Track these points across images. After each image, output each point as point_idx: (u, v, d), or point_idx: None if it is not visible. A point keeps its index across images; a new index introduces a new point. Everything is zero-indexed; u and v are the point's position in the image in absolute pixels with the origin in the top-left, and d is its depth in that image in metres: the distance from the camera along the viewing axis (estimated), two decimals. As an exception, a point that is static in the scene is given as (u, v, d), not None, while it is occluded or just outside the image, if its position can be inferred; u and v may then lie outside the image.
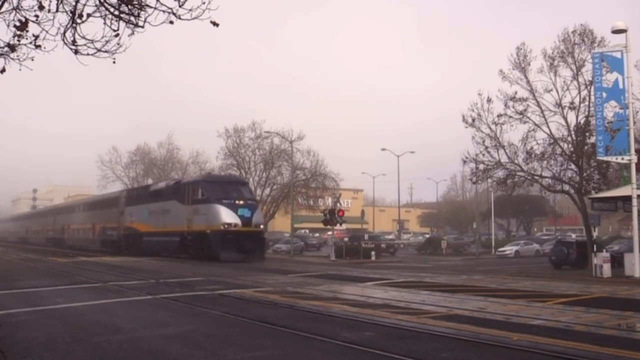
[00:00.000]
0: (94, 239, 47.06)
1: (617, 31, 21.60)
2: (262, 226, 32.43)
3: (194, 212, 31.48)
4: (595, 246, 23.23)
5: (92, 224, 47.69)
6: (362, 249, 36.26)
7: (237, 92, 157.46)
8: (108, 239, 43.65)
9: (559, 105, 26.46)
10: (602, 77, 21.75)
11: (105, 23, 6.90)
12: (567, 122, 26.51)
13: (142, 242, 37.28)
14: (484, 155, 28.00)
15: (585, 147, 26.07)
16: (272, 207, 46.49)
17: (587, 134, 25.96)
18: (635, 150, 22.01)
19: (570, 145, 26.64)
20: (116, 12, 6.91)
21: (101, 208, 46.70)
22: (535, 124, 27.06)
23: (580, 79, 25.78)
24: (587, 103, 25.73)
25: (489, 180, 31.86)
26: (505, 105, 27.28)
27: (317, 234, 61.15)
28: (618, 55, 21.53)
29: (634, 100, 23.43)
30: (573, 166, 26.90)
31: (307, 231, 65.86)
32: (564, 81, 26.24)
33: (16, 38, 6.95)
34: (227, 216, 29.89)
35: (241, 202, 31.11)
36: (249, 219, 30.64)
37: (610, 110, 22.14)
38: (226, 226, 29.65)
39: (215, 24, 6.87)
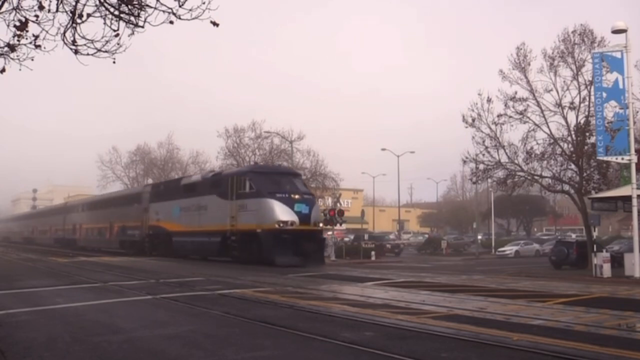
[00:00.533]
0: (111, 239, 42.85)
1: (617, 31, 21.61)
2: (321, 224, 28.33)
3: (239, 208, 27.12)
4: (595, 246, 23.23)
5: (109, 222, 43.21)
6: (362, 249, 36.28)
7: (237, 92, 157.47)
8: (128, 239, 39.61)
9: (559, 105, 26.47)
10: (602, 77, 21.75)
11: (105, 23, 6.91)
12: (567, 122, 26.54)
13: (171, 243, 33.23)
14: (484, 155, 28.03)
15: (585, 147, 26.08)
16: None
17: (587, 134, 25.97)
18: (635, 150, 22.02)
19: (570, 145, 26.65)
20: (116, 12, 6.91)
21: (120, 205, 42.52)
22: (535, 124, 27.09)
23: (580, 79, 25.81)
24: (587, 103, 25.74)
25: (489, 180, 31.89)
26: (505, 105, 27.31)
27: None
28: (618, 55, 21.53)
29: (634, 100, 23.45)
30: (573, 166, 26.91)
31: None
32: (564, 81, 26.27)
33: (16, 38, 6.96)
34: (282, 213, 25.61)
35: (297, 197, 26.74)
36: (307, 215, 26.35)
37: (610, 110, 22.16)
38: (281, 224, 25.43)
39: (215, 24, 6.88)
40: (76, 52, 7.04)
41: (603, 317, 10.34)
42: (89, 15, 6.85)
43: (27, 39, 6.98)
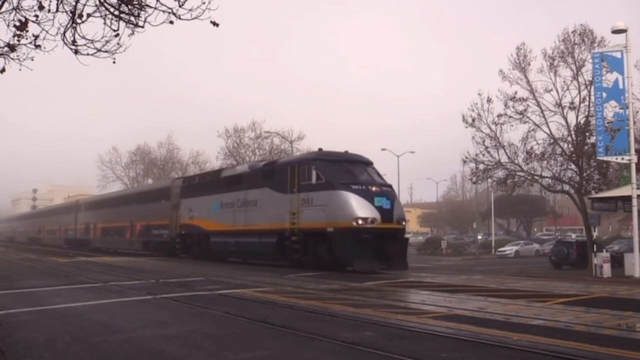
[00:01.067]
0: (133, 239, 39.01)
1: (617, 31, 21.63)
2: (404, 222, 23.59)
3: (302, 203, 22.79)
4: (595, 246, 23.23)
5: (130, 221, 39.16)
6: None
7: (237, 92, 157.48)
8: (154, 239, 35.83)
9: (559, 105, 26.50)
10: (602, 77, 21.77)
11: (105, 23, 6.92)
12: (567, 122, 26.57)
13: (209, 244, 29.35)
14: (484, 155, 28.05)
15: (585, 147, 26.10)
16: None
17: (587, 134, 26.00)
18: (635, 150, 22.04)
19: (570, 145, 26.67)
20: (116, 12, 6.92)
21: (144, 202, 38.37)
22: (535, 124, 27.11)
23: (580, 79, 25.84)
24: (587, 103, 25.76)
25: (489, 180, 31.91)
26: (505, 105, 27.34)
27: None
28: (618, 55, 21.55)
29: (634, 100, 23.49)
30: (573, 166, 26.93)
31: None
32: (564, 81, 26.31)
33: (16, 38, 6.97)
34: (361, 208, 21.11)
35: (376, 189, 22.23)
36: (389, 211, 21.82)
37: (610, 110, 22.19)
38: (360, 222, 20.88)
39: (215, 24, 6.89)
40: (76, 52, 7.05)
41: (603, 317, 10.34)
42: (89, 15, 6.86)
43: (27, 39, 7.00)
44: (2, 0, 6.82)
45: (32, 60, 7.28)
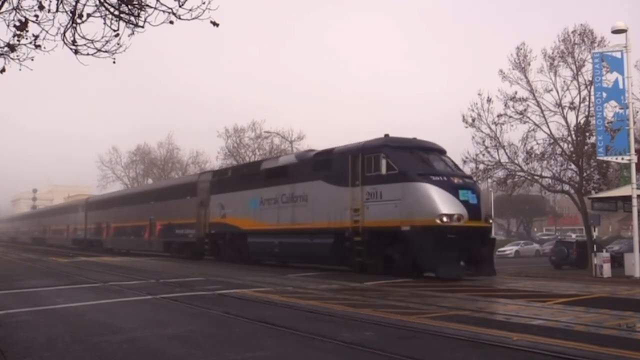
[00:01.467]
0: (152, 240, 35.96)
1: (617, 31, 21.65)
2: (491, 221, 20.71)
3: (368, 197, 19.46)
4: (595, 246, 23.24)
5: (149, 220, 36.25)
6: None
7: (237, 92, 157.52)
8: (178, 240, 32.84)
9: (559, 105, 26.55)
10: (602, 77, 21.79)
11: (105, 23, 6.93)
12: (567, 122, 26.63)
13: (246, 245, 26.02)
14: (484, 155, 28.09)
15: (585, 147, 26.13)
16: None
17: (587, 134, 26.04)
18: (635, 150, 22.06)
19: (570, 145, 26.69)
20: (116, 12, 6.93)
21: (165, 199, 35.16)
22: (535, 124, 27.16)
23: (580, 79, 25.90)
24: (587, 103, 25.81)
25: (489, 180, 31.90)
26: (505, 105, 27.41)
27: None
28: (618, 55, 21.56)
29: (634, 100, 23.53)
30: (573, 166, 26.97)
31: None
32: (564, 81, 26.37)
33: (16, 38, 6.98)
34: (444, 202, 17.96)
35: (458, 180, 19.16)
36: (476, 207, 18.73)
37: (610, 110, 22.22)
38: (445, 219, 17.72)
39: (215, 24, 6.89)
40: (76, 52, 7.06)
41: (603, 317, 10.33)
42: (89, 15, 6.88)
43: (27, 39, 7.01)
44: (2, 0, 6.82)
45: (32, 60, 7.30)
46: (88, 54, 7.10)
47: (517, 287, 16.28)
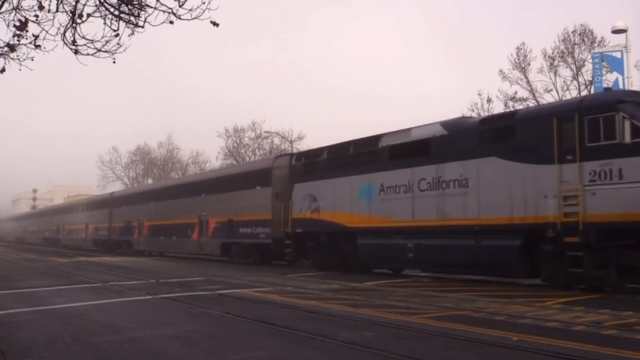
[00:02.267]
0: (204, 241, 29.83)
1: (617, 31, 21.68)
2: None
3: (596, 178, 13.27)
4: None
5: (199, 217, 30.18)
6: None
7: (237, 92, 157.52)
8: (244, 240, 26.42)
9: (559, 105, 26.49)
10: (602, 77, 21.81)
11: (105, 23, 6.93)
12: (567, 122, 26.51)
13: (354, 248, 20.28)
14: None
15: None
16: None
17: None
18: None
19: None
20: (116, 12, 6.93)
21: (223, 190, 28.61)
22: (536, 124, 27.04)
23: (580, 79, 25.94)
24: (587, 103, 25.75)
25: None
26: (505, 105, 27.46)
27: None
28: (618, 55, 21.59)
29: (634, 100, 23.48)
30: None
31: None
32: (564, 81, 26.43)
33: (16, 38, 6.98)
34: None
35: None
36: None
37: (611, 110, 22.18)
38: None
39: (215, 24, 6.90)
40: (76, 52, 7.06)
41: (603, 317, 10.33)
42: (89, 15, 6.88)
43: (27, 39, 7.02)
44: (2, 0, 6.82)
45: (32, 60, 7.31)
46: (88, 54, 7.11)
47: (517, 287, 16.27)
